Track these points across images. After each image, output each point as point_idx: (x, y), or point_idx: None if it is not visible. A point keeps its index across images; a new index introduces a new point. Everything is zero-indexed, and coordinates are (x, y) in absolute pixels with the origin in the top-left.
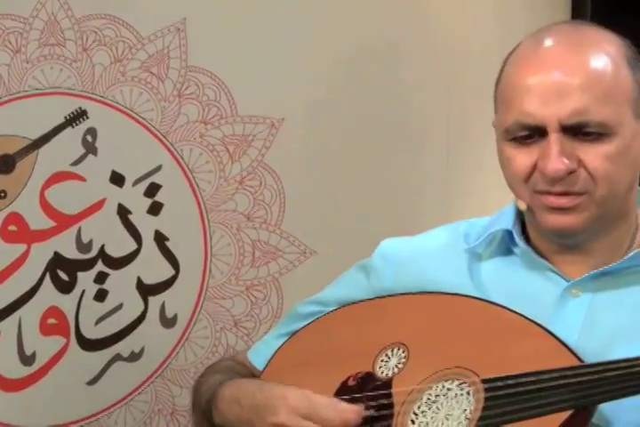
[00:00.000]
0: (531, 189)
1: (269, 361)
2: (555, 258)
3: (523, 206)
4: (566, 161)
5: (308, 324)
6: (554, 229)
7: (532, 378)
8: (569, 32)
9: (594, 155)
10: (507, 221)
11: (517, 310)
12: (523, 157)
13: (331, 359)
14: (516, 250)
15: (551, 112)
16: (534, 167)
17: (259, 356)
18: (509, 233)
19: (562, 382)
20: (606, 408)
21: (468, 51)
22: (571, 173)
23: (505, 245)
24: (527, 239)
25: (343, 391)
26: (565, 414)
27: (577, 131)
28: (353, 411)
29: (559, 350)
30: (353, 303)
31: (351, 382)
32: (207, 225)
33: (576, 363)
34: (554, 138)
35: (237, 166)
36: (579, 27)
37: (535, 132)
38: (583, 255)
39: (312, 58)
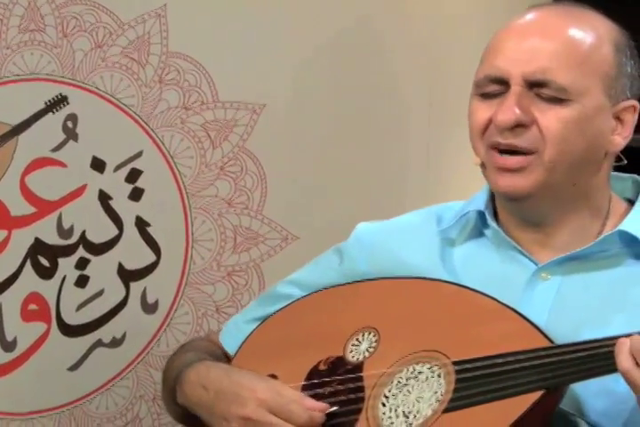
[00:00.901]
0: (486, 145)
1: (241, 346)
2: (522, 237)
3: (477, 161)
4: (518, 111)
5: (280, 309)
6: (502, 191)
7: (503, 360)
8: (566, 6)
9: (549, 115)
10: (479, 202)
11: (488, 294)
12: (483, 110)
13: (302, 344)
14: (487, 232)
15: (516, 66)
16: (491, 120)
17: (230, 339)
18: (481, 215)
19: (532, 362)
20: (573, 393)
21: (451, 37)
22: (522, 126)
23: (477, 228)
24: (498, 222)
25: (314, 376)
26: (536, 395)
27: (539, 90)
28: (320, 408)
29: (530, 332)
30: (325, 289)
31: (322, 367)
32: (188, 211)
33: (547, 344)
34: (513, 90)
35: (219, 152)
36: (580, 7)
37: (500, 84)
38: (548, 236)
39: (294, 44)
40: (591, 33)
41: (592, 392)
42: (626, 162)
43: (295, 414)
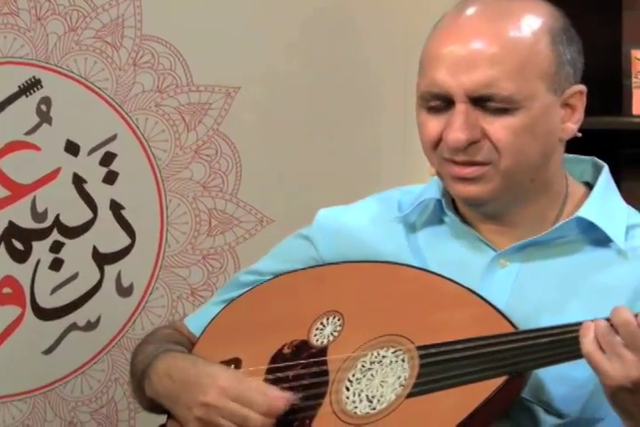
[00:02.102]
0: (439, 156)
1: (205, 328)
2: (482, 227)
3: (432, 172)
4: (467, 132)
5: (246, 291)
6: (461, 198)
7: (467, 345)
8: (493, 1)
9: (498, 126)
10: (436, 190)
11: (453, 278)
12: (432, 124)
13: (266, 328)
14: (446, 219)
15: (458, 82)
16: (441, 135)
17: (196, 322)
18: (440, 202)
19: (496, 348)
20: (531, 380)
21: (429, 20)
22: (474, 143)
23: (437, 215)
24: (457, 208)
25: (278, 359)
26: (500, 380)
27: (484, 103)
28: (282, 398)
29: (495, 317)
30: (289, 272)
31: (286, 350)
32: (163, 194)
33: (511, 330)
34: (458, 108)
35: (193, 135)
36: None
37: (444, 101)
38: (507, 226)
39: (268, 26)
40: (525, 31)
41: (550, 379)
42: (580, 135)
43: (256, 401)
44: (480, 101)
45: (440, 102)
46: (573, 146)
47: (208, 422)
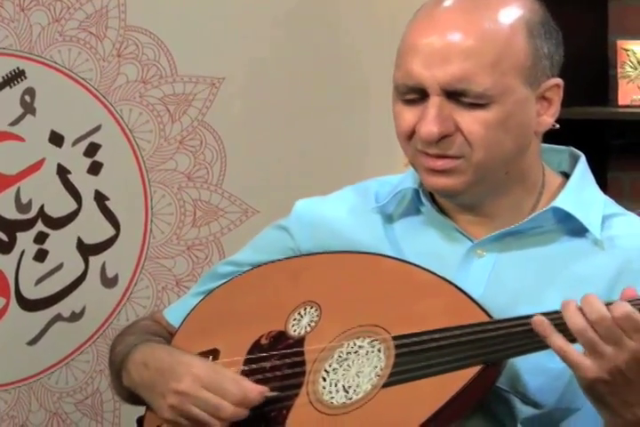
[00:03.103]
0: (413, 148)
1: (184, 320)
2: (459, 218)
3: (405, 162)
4: (440, 125)
5: (224, 283)
6: (434, 190)
7: (442, 334)
8: None
9: (471, 120)
10: (413, 180)
11: (429, 268)
12: (407, 116)
13: (244, 319)
14: (423, 209)
15: (432, 75)
16: (415, 127)
17: (175, 313)
18: (417, 192)
19: (471, 337)
20: (507, 371)
21: (413, 6)
22: (446, 136)
23: (414, 205)
24: (434, 199)
25: (255, 350)
26: (475, 370)
27: (458, 97)
28: (256, 389)
29: (470, 307)
30: (267, 263)
31: (263, 341)
32: (147, 185)
33: (486, 319)
34: (432, 101)
35: (178, 126)
36: None
37: (419, 93)
38: (483, 217)
39: (252, 16)
40: (501, 24)
41: (527, 369)
42: (558, 126)
43: (229, 391)
44: (454, 95)
45: (415, 95)
46: (559, 137)
47: (181, 410)
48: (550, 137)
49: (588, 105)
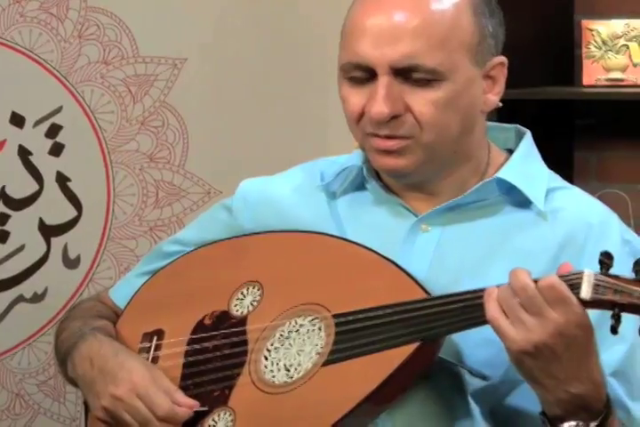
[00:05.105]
0: (362, 131)
1: (130, 301)
2: (404, 195)
3: (356, 145)
4: (390, 105)
5: (168, 264)
6: (384, 170)
7: (380, 312)
8: None
9: (421, 100)
10: (361, 158)
11: (371, 247)
12: (355, 98)
13: (188, 299)
14: (368, 186)
15: (381, 54)
16: (364, 109)
17: (120, 294)
18: (362, 169)
19: (408, 315)
20: (454, 344)
21: None
22: (396, 117)
23: (359, 181)
24: (380, 177)
25: (199, 330)
26: (413, 346)
27: (407, 75)
28: (186, 404)
29: (409, 285)
30: (211, 243)
31: (207, 321)
32: (109, 166)
33: (423, 296)
34: (382, 81)
35: (140, 107)
36: None
37: (367, 72)
38: (429, 194)
39: None
40: (448, 2)
41: (473, 343)
42: (501, 104)
43: (157, 404)
44: (404, 73)
45: (362, 73)
46: (525, 117)
47: (113, 413)
48: (515, 116)
49: (553, 85)
